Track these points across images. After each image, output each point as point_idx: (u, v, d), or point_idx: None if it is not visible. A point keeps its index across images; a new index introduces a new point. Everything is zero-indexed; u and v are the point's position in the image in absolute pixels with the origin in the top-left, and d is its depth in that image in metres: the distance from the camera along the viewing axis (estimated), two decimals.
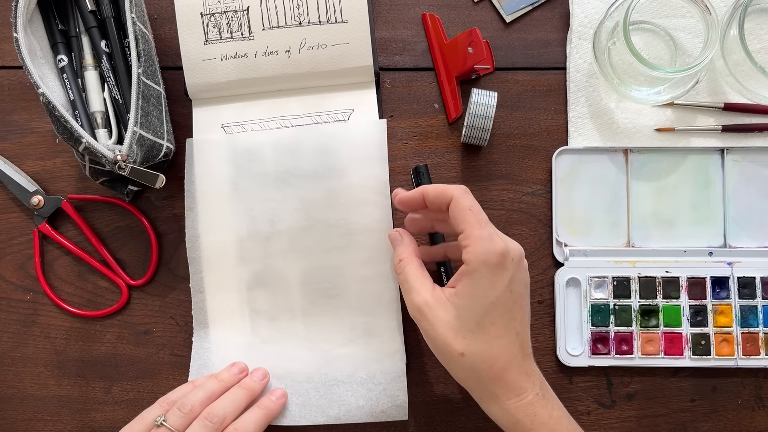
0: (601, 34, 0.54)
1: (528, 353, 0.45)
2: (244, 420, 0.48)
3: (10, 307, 0.56)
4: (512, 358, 0.44)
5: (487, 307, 0.43)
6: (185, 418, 0.47)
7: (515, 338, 0.44)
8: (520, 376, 0.44)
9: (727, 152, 0.56)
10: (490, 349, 0.43)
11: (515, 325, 0.44)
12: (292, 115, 0.55)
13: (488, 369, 0.43)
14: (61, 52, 0.52)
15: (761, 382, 0.55)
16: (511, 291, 0.44)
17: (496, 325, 0.43)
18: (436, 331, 0.44)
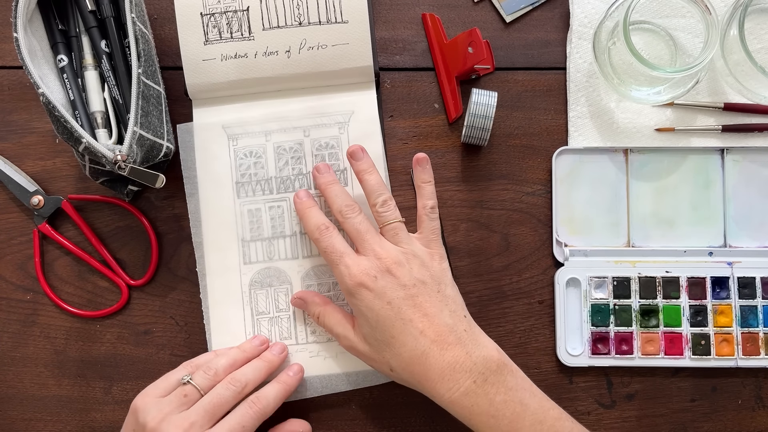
0: (601, 34, 0.54)
1: (450, 342, 0.45)
2: (265, 390, 0.50)
3: (10, 307, 0.56)
4: (426, 356, 0.45)
5: (377, 326, 0.47)
6: (210, 380, 0.48)
7: (421, 337, 0.45)
8: (445, 371, 0.45)
9: (727, 152, 0.56)
10: (403, 358, 0.46)
11: (414, 325, 0.46)
12: (292, 115, 0.55)
13: (411, 374, 0.46)
14: (61, 52, 0.52)
15: (761, 382, 0.55)
16: (389, 303, 0.46)
17: (395, 336, 0.46)
18: (368, 360, 0.49)
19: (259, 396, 0.49)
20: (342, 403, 0.55)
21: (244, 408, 0.48)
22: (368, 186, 0.50)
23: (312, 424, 0.54)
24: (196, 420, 0.46)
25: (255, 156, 0.55)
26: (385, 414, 0.55)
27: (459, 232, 0.56)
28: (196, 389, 0.48)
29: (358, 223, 0.49)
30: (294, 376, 0.52)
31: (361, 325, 0.48)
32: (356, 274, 0.47)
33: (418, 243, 0.49)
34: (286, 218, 0.55)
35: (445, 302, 0.47)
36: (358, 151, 0.51)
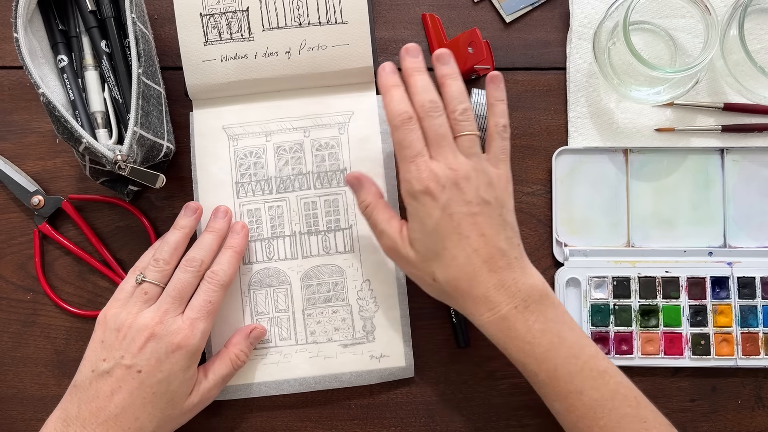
0: (601, 34, 0.54)
1: (500, 266, 0.45)
2: (219, 262, 0.50)
3: (10, 307, 0.56)
4: (474, 275, 0.45)
5: (431, 234, 0.46)
6: (162, 270, 0.49)
7: (473, 255, 0.45)
8: (490, 291, 0.45)
9: (727, 152, 0.56)
10: (450, 271, 0.46)
11: (469, 242, 0.45)
12: (292, 116, 0.55)
13: (454, 289, 0.46)
14: (62, 52, 0.52)
15: (761, 382, 0.55)
16: (450, 215, 0.45)
17: (447, 248, 0.45)
18: (409, 267, 0.48)
19: (215, 270, 0.50)
20: (342, 403, 0.55)
21: (205, 285, 0.49)
22: (450, 91, 0.48)
23: (312, 423, 0.55)
24: (168, 308, 0.47)
25: (255, 156, 0.55)
26: (385, 414, 0.55)
27: None
28: (153, 284, 0.48)
29: (440, 125, 0.46)
30: (239, 236, 0.52)
31: (414, 230, 0.47)
32: (426, 178, 0.45)
33: (487, 162, 0.48)
34: (285, 218, 0.55)
35: (504, 227, 0.46)
36: (445, 54, 0.49)
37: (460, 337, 0.55)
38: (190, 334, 0.47)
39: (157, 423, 0.46)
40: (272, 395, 0.54)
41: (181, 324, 0.47)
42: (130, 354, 0.46)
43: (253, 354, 0.54)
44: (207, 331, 0.48)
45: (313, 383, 0.54)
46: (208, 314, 0.48)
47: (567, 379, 0.44)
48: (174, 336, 0.46)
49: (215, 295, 0.49)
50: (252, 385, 0.54)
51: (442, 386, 0.55)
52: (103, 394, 0.45)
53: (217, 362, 0.51)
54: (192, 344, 0.47)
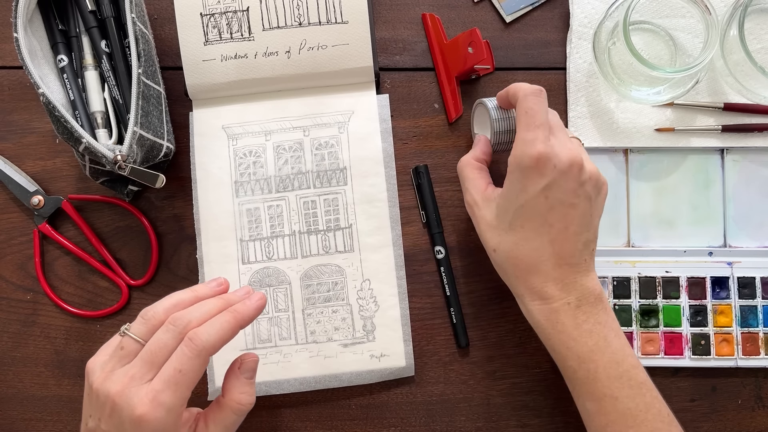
0: (601, 34, 0.54)
1: (568, 263, 0.45)
2: (208, 324, 0.41)
3: (10, 307, 0.56)
4: (539, 263, 0.45)
5: (517, 209, 0.45)
6: (147, 324, 0.42)
7: (547, 245, 0.44)
8: (548, 283, 0.45)
9: (727, 152, 0.56)
10: (516, 250, 0.45)
11: (550, 231, 0.44)
12: (292, 115, 0.55)
13: (513, 267, 0.46)
14: (61, 52, 0.52)
15: (761, 382, 0.55)
16: (547, 197, 0.44)
17: (525, 227, 0.45)
18: (480, 227, 0.48)
19: (197, 331, 0.40)
20: (342, 402, 0.55)
21: (180, 349, 0.40)
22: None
23: (312, 423, 0.55)
24: (135, 373, 0.40)
25: (254, 155, 0.55)
26: (385, 414, 0.55)
27: (459, 232, 0.56)
28: (133, 339, 0.41)
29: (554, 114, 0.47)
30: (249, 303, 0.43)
31: (503, 195, 0.46)
32: (542, 150, 0.43)
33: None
34: (285, 217, 0.55)
35: (589, 228, 0.46)
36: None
37: (460, 337, 0.55)
38: (151, 410, 0.39)
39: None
40: (272, 395, 0.54)
41: (142, 396, 0.39)
42: (104, 419, 0.40)
43: None
44: (176, 407, 0.39)
45: (313, 383, 0.54)
46: (176, 386, 0.39)
47: (605, 382, 0.44)
48: (133, 410, 0.39)
49: (189, 364, 0.39)
50: None
51: (442, 386, 0.55)
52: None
53: (217, 411, 0.44)
54: (154, 421, 0.39)
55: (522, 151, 0.43)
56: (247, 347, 0.54)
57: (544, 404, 0.55)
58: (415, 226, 0.56)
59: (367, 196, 0.55)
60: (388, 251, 0.54)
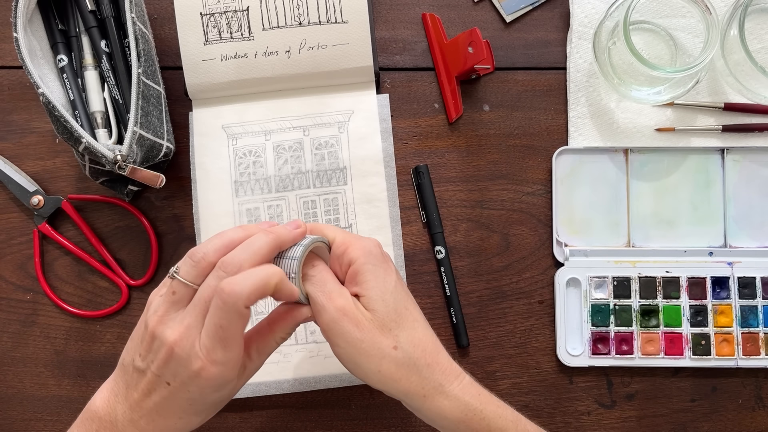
0: (602, 34, 0.54)
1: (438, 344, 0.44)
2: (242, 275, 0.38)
3: (10, 307, 0.56)
4: (434, 339, 0.44)
5: (393, 294, 0.42)
6: (196, 267, 0.39)
7: (425, 320, 0.44)
8: (452, 362, 0.43)
9: (728, 152, 0.56)
10: (416, 333, 0.42)
11: (418, 307, 0.44)
12: (292, 115, 0.55)
13: (423, 354, 0.42)
14: (61, 52, 0.52)
15: (761, 383, 0.55)
16: (398, 277, 0.44)
17: (409, 308, 0.43)
18: (363, 332, 0.41)
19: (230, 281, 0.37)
20: (342, 403, 0.55)
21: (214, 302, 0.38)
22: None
23: (312, 423, 0.55)
24: (191, 322, 0.38)
25: (254, 155, 0.55)
26: (385, 414, 0.55)
27: (459, 232, 0.56)
28: (183, 283, 0.39)
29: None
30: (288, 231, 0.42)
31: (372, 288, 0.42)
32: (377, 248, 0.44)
33: None
34: (285, 217, 0.55)
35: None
36: None
37: (461, 337, 0.55)
38: (209, 365, 0.38)
39: (204, 414, 0.42)
40: (272, 395, 0.54)
41: (197, 350, 0.38)
42: (156, 364, 0.39)
43: None
44: (233, 361, 0.39)
45: (313, 383, 0.54)
46: (224, 342, 0.38)
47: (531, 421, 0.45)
48: (192, 363, 0.38)
49: (226, 318, 0.37)
50: (252, 385, 0.54)
51: None
52: (141, 390, 0.40)
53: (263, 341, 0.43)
54: (213, 377, 0.38)
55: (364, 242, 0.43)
56: None
57: (544, 404, 0.55)
58: (415, 226, 0.56)
59: (367, 196, 0.55)
60: (388, 251, 0.54)
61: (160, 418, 0.40)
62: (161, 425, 0.41)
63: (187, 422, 0.41)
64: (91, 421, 0.41)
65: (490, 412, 0.42)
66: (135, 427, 0.40)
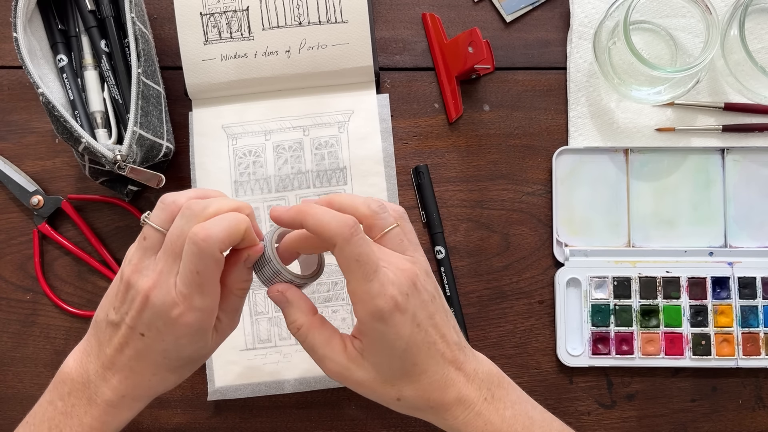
0: (602, 34, 0.54)
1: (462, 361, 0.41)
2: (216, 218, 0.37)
3: (10, 307, 0.56)
4: (445, 380, 0.40)
5: (402, 355, 0.39)
6: (166, 210, 0.38)
7: (441, 361, 0.40)
8: (462, 390, 0.40)
9: (728, 152, 0.56)
10: (421, 387, 0.40)
11: (438, 348, 0.40)
12: (292, 115, 0.55)
13: (427, 402, 0.40)
14: (61, 52, 0.52)
15: (762, 383, 0.55)
16: (418, 325, 0.39)
17: (417, 363, 0.39)
18: (366, 389, 0.40)
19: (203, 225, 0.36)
20: (342, 403, 0.55)
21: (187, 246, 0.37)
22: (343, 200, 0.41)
23: (312, 423, 0.55)
24: (163, 267, 0.38)
25: (254, 155, 0.55)
26: (385, 414, 0.55)
27: (459, 232, 0.56)
28: (153, 228, 0.38)
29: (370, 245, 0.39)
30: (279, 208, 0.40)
31: (377, 353, 0.39)
32: (392, 293, 0.37)
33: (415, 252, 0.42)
34: None
35: (448, 316, 0.42)
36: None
37: None
38: (186, 311, 0.37)
39: (179, 373, 0.41)
40: (272, 395, 0.54)
41: (174, 296, 0.37)
42: (131, 315, 0.38)
43: (253, 354, 0.54)
44: (210, 308, 0.38)
45: (313, 383, 0.54)
46: (200, 288, 0.37)
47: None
48: (169, 309, 0.37)
49: (202, 264, 0.36)
50: (252, 385, 0.54)
51: None
52: (114, 345, 0.39)
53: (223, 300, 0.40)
54: (191, 323, 0.38)
55: (375, 306, 0.37)
56: (247, 347, 0.54)
57: (544, 404, 0.54)
58: (415, 226, 0.55)
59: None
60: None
61: (133, 375, 0.40)
62: (135, 382, 0.40)
63: (162, 379, 0.41)
64: (63, 383, 0.40)
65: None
66: (108, 385, 0.40)
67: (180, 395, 0.55)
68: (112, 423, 0.40)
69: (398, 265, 0.39)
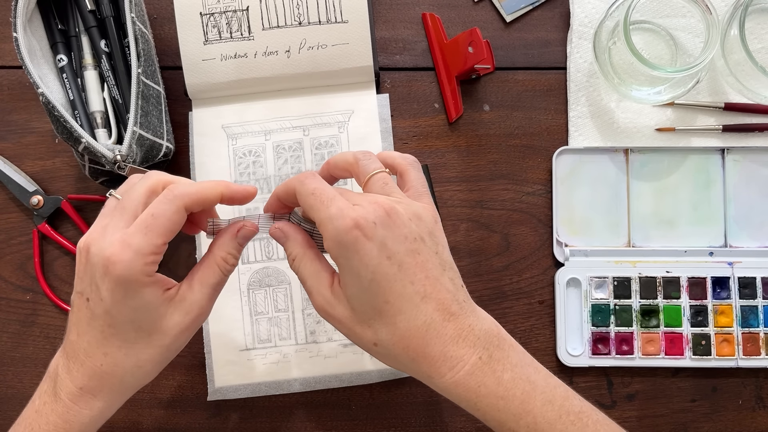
0: (602, 34, 0.54)
1: (453, 312, 0.38)
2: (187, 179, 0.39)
3: (10, 307, 0.56)
4: (427, 328, 0.38)
5: (370, 288, 0.37)
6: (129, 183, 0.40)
7: (422, 304, 0.38)
8: (448, 345, 0.38)
9: (728, 152, 0.56)
10: (397, 330, 0.38)
11: (416, 289, 0.38)
12: (292, 115, 0.55)
13: (405, 349, 0.38)
14: (61, 52, 0.52)
15: (762, 383, 0.55)
16: (389, 257, 0.37)
17: (390, 301, 0.37)
18: (345, 328, 0.39)
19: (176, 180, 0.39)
20: (342, 403, 0.55)
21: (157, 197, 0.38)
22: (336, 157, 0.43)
23: (312, 424, 0.55)
24: (108, 223, 0.38)
25: (254, 155, 0.55)
26: (385, 414, 0.55)
27: (459, 232, 0.56)
28: (114, 197, 0.39)
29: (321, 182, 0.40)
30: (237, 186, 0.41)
31: (348, 285, 0.38)
32: (351, 213, 0.37)
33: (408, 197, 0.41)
34: None
35: (444, 266, 0.39)
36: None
37: None
38: (119, 251, 0.36)
39: (135, 356, 0.39)
40: (272, 395, 0.54)
41: (114, 240, 0.37)
42: (78, 278, 0.38)
43: (253, 354, 0.54)
44: (144, 251, 0.37)
45: (313, 383, 0.54)
46: (146, 228, 0.37)
47: (547, 430, 0.38)
48: (103, 252, 0.37)
49: (162, 208, 0.37)
50: (252, 385, 0.54)
51: None
52: (70, 326, 0.39)
53: (202, 269, 0.41)
54: (119, 263, 0.36)
55: (335, 229, 0.37)
56: (247, 347, 0.54)
57: None
58: None
59: None
60: None
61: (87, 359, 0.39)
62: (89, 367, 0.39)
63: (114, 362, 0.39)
64: (44, 380, 0.41)
65: (486, 405, 0.38)
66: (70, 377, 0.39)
67: (180, 395, 0.55)
68: (75, 422, 0.39)
69: (373, 199, 0.38)
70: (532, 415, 0.38)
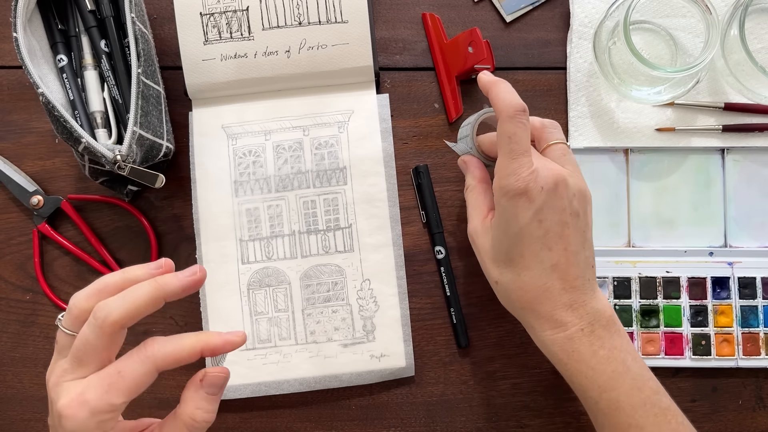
0: (602, 34, 0.54)
1: (575, 286, 0.43)
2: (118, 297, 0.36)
3: (10, 307, 0.56)
4: (544, 290, 0.43)
5: (512, 239, 0.43)
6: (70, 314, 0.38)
7: (549, 270, 0.43)
8: (558, 310, 0.43)
9: (728, 152, 0.56)
10: (518, 280, 0.44)
11: (550, 256, 0.43)
12: (292, 115, 0.55)
13: (519, 299, 0.44)
14: (61, 52, 0.52)
15: (762, 383, 0.55)
16: (541, 221, 0.42)
17: (524, 256, 0.43)
18: (480, 257, 0.46)
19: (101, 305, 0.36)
20: (342, 403, 0.55)
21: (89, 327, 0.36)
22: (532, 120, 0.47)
23: (312, 424, 0.55)
24: (67, 368, 0.37)
25: (254, 155, 0.55)
26: (385, 414, 0.55)
27: (459, 232, 0.56)
28: (64, 332, 0.38)
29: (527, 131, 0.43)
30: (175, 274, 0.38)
31: (496, 226, 0.44)
32: (526, 177, 0.42)
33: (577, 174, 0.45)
34: (284, 217, 0.55)
35: (585, 245, 0.44)
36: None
37: (460, 337, 0.55)
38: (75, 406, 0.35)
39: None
40: (272, 395, 0.54)
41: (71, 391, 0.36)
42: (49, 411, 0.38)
43: (253, 354, 0.54)
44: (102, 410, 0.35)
45: (313, 383, 0.54)
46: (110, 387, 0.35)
47: (629, 412, 0.41)
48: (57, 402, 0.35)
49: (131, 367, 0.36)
50: (252, 385, 0.54)
51: (442, 386, 0.55)
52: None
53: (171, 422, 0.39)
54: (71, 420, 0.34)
55: (507, 181, 0.42)
56: (247, 347, 0.54)
57: (545, 404, 0.55)
58: (415, 226, 0.56)
59: (367, 196, 0.55)
60: (388, 251, 0.54)
61: None
62: None
63: None
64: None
65: (575, 369, 0.43)
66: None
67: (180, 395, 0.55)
68: None
69: (550, 166, 0.43)
70: (616, 393, 0.42)
